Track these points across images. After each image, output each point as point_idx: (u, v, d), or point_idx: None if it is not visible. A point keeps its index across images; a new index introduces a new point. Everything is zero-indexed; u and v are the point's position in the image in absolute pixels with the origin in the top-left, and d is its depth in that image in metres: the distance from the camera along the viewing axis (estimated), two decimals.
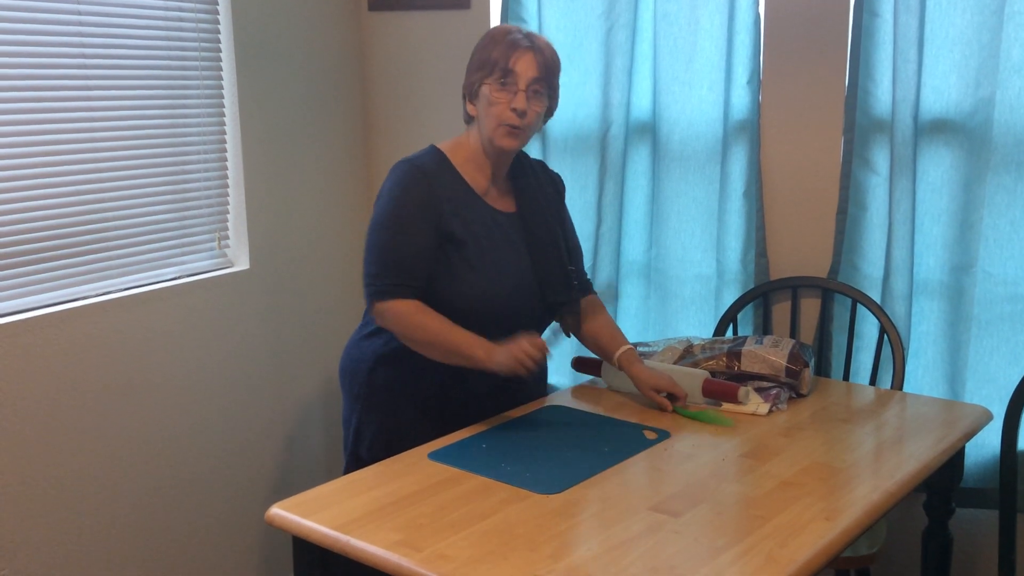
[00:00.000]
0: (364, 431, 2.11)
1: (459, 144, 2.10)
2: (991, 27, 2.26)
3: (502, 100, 1.99)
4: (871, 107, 2.43)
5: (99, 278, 2.44)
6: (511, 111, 1.99)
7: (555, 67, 2.05)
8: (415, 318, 1.98)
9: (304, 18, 2.90)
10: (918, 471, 1.81)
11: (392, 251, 2.00)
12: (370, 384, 2.11)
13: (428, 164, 2.04)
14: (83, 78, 2.35)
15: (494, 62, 1.99)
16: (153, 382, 2.54)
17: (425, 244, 2.00)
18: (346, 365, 2.18)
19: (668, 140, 2.65)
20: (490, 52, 2.01)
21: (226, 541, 2.80)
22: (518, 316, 2.07)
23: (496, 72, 1.99)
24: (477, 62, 2.04)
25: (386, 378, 2.09)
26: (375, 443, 2.08)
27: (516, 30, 2.04)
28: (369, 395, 2.12)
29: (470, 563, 1.44)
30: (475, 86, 2.03)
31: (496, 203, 2.10)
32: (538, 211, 2.15)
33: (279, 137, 2.86)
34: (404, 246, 2.00)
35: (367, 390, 2.12)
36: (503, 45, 2.00)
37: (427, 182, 2.01)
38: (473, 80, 2.04)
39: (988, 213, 2.32)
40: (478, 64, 2.03)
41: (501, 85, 1.99)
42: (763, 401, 2.11)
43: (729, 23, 2.51)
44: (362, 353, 2.14)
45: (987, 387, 2.39)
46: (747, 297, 2.60)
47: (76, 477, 2.38)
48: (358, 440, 2.12)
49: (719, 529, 1.56)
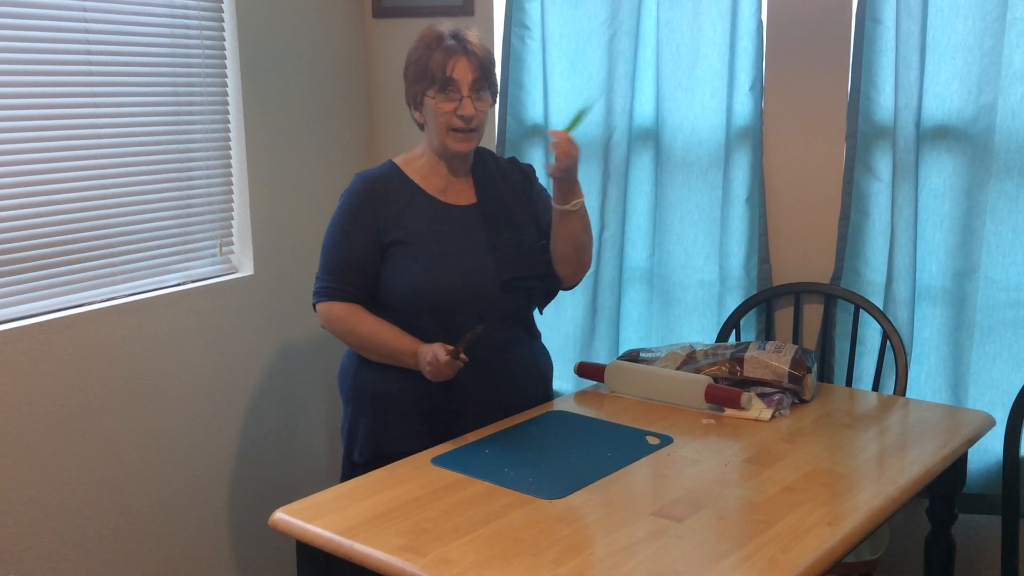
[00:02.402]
0: (355, 434, 2.14)
1: (410, 152, 2.18)
2: (993, 34, 2.26)
3: (448, 108, 2.03)
4: (873, 113, 2.43)
5: (104, 284, 2.45)
6: (459, 118, 2.03)
7: (490, 63, 2.10)
8: (346, 323, 2.08)
9: (308, 25, 2.92)
10: (921, 476, 1.81)
11: (330, 255, 2.11)
12: (357, 387, 2.15)
13: (374, 174, 2.14)
14: (89, 85, 2.36)
15: (432, 73, 2.02)
16: (158, 387, 2.55)
17: (360, 249, 2.08)
18: (339, 371, 2.24)
19: (671, 146, 2.66)
20: (426, 63, 2.03)
21: (230, 546, 2.80)
22: (477, 297, 2.08)
23: (436, 83, 2.03)
24: (415, 72, 2.06)
25: (370, 380, 2.12)
26: (365, 446, 2.12)
27: (447, 34, 2.06)
28: (357, 398, 2.15)
29: (473, 568, 1.45)
30: (418, 96, 2.07)
31: (456, 199, 2.15)
32: (496, 197, 2.17)
33: (283, 144, 2.86)
34: (340, 250, 2.09)
35: (355, 393, 2.16)
36: (438, 53, 2.03)
37: (369, 189, 2.10)
38: (416, 91, 2.07)
39: (990, 219, 2.33)
40: (417, 75, 2.06)
41: (444, 94, 2.03)
42: (766, 407, 2.11)
43: (731, 30, 2.52)
44: (350, 358, 2.19)
45: (990, 393, 2.39)
46: (750, 303, 2.60)
47: (81, 481, 2.39)
48: (351, 444, 2.16)
49: (722, 534, 1.56)
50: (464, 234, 2.11)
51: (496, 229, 2.13)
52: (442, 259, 2.06)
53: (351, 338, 2.09)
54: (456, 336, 1.95)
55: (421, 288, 2.05)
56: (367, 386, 2.13)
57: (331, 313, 2.09)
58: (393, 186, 2.11)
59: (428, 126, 2.09)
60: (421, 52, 2.06)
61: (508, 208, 2.17)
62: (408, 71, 2.09)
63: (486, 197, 2.16)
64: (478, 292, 2.08)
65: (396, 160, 2.17)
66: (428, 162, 2.14)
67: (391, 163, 2.17)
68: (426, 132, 2.12)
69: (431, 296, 2.05)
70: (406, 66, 2.10)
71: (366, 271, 2.08)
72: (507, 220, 2.15)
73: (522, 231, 2.15)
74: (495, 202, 2.16)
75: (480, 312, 2.06)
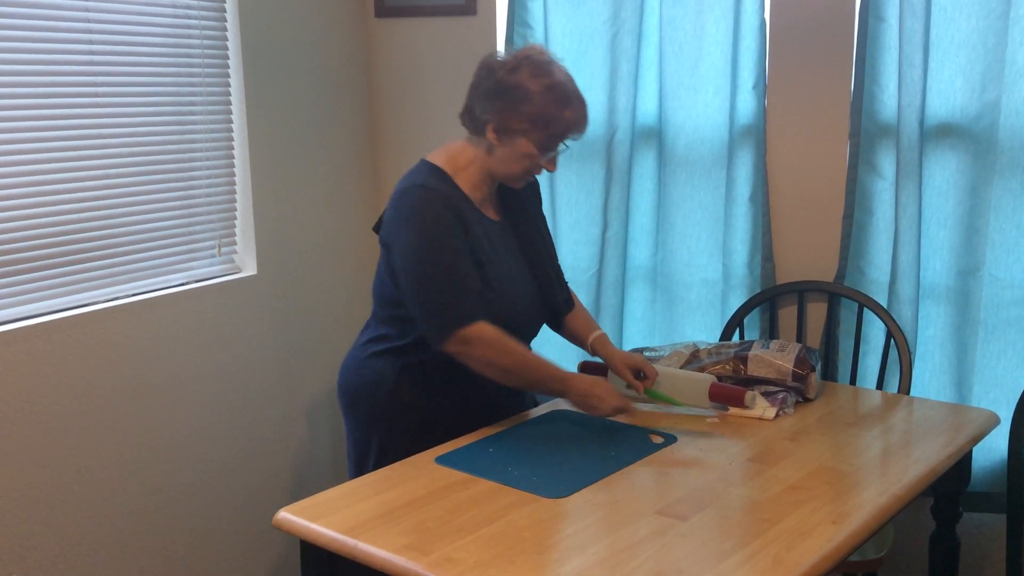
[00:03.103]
0: (389, 450, 2.02)
1: (453, 158, 2.03)
2: (997, 31, 2.26)
3: (537, 157, 1.96)
4: (877, 112, 2.43)
5: (107, 284, 2.45)
6: (539, 168, 2.00)
7: None
8: (505, 343, 1.93)
9: (311, 25, 2.92)
10: (925, 475, 1.80)
11: (455, 275, 1.92)
12: (392, 403, 2.04)
13: (438, 185, 1.97)
14: (91, 85, 2.36)
15: (552, 130, 1.93)
16: (161, 387, 2.55)
17: (469, 265, 1.95)
18: (356, 384, 2.10)
19: (674, 145, 2.66)
20: (552, 117, 1.92)
21: (234, 545, 2.80)
22: (526, 321, 2.09)
23: (552, 139, 1.95)
24: (532, 116, 1.91)
25: (411, 396, 2.04)
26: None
27: (575, 96, 1.95)
28: (391, 414, 2.05)
29: (477, 567, 1.45)
30: (515, 132, 1.94)
31: (490, 212, 2.09)
32: (525, 216, 2.15)
33: (286, 143, 2.87)
34: (460, 269, 1.92)
35: (389, 409, 2.05)
36: (569, 114, 1.93)
37: (448, 205, 1.94)
38: (518, 126, 1.93)
39: (994, 217, 2.32)
40: (533, 118, 1.92)
41: (544, 150, 1.96)
42: (770, 405, 2.11)
43: (735, 28, 2.52)
44: (379, 372, 2.06)
45: (994, 391, 2.39)
46: (753, 301, 2.60)
47: (84, 481, 2.39)
48: (382, 459, 2.02)
49: (726, 533, 1.56)
50: (508, 252, 2.07)
51: (532, 250, 2.12)
52: (505, 280, 2.02)
53: (507, 359, 1.93)
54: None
55: (496, 310, 1.97)
56: (408, 402, 2.03)
57: (484, 335, 1.91)
58: (455, 199, 1.97)
59: (499, 155, 1.97)
60: (551, 103, 1.92)
61: (533, 226, 2.16)
62: (520, 103, 1.92)
63: (514, 216, 2.13)
64: (526, 312, 2.09)
65: (440, 165, 2.01)
66: (476, 173, 2.02)
67: (440, 172, 2.00)
68: (490, 150, 1.98)
69: (501, 317, 1.97)
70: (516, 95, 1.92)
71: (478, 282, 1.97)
72: (540, 241, 2.15)
73: (550, 251, 2.18)
74: (521, 220, 2.13)
75: (523, 331, 2.07)
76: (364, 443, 2.10)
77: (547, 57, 1.97)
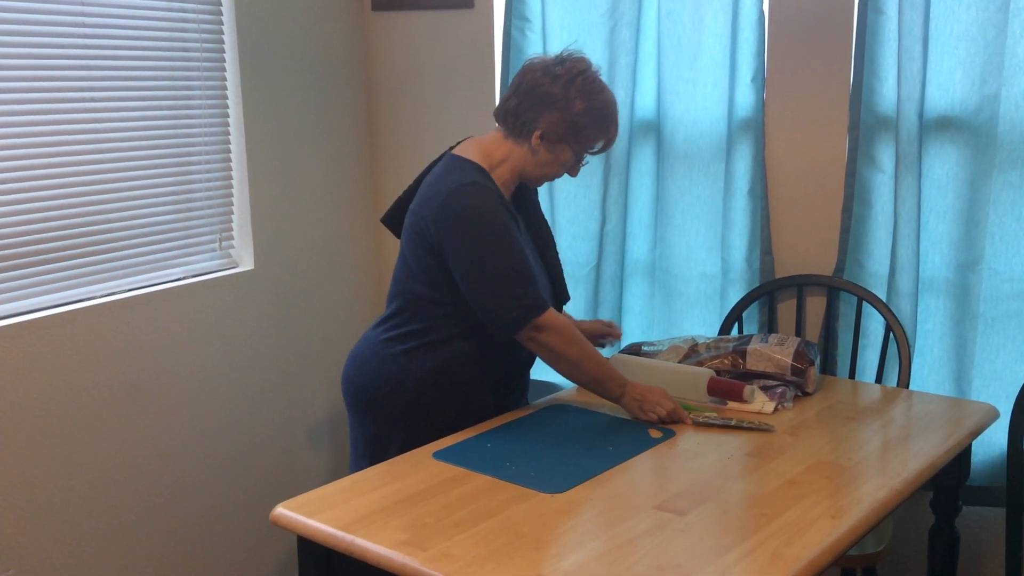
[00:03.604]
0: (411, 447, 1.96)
1: (488, 155, 2.05)
2: (996, 24, 2.25)
3: (569, 165, 2.07)
4: (876, 105, 2.42)
5: (104, 279, 2.44)
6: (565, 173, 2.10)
7: None
8: (574, 333, 2.00)
9: (307, 18, 2.91)
10: (924, 469, 1.80)
11: (526, 267, 1.97)
12: (419, 401, 2.04)
13: (487, 183, 2.00)
14: (87, 79, 2.35)
15: (596, 143, 2.05)
16: (158, 382, 2.55)
17: (529, 257, 2.01)
18: (375, 382, 2.08)
19: (672, 139, 2.65)
20: (601, 134, 2.04)
21: (231, 541, 2.80)
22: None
23: (588, 150, 2.06)
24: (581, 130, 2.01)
25: (438, 394, 2.04)
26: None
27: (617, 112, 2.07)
28: (417, 413, 2.04)
29: (475, 562, 1.44)
30: (561, 139, 2.01)
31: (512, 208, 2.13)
32: (534, 212, 2.20)
33: (283, 137, 2.86)
34: (526, 261, 1.98)
35: (414, 408, 2.04)
36: (612, 131, 2.06)
37: (501, 199, 2.00)
38: (565, 137, 2.01)
39: (994, 210, 2.32)
40: (582, 133, 2.01)
41: (579, 158, 2.07)
42: (768, 399, 2.11)
43: (733, 21, 2.51)
44: (402, 370, 2.04)
45: (994, 384, 2.38)
46: (752, 295, 2.59)
47: (82, 476, 2.38)
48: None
49: (725, 527, 1.56)
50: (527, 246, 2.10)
51: (543, 243, 2.18)
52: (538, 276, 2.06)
53: (576, 349, 1.98)
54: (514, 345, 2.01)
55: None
56: (434, 401, 2.03)
57: (557, 323, 1.97)
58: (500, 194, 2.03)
59: (539, 159, 2.03)
60: (601, 121, 2.03)
61: (542, 223, 2.22)
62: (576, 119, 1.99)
63: (527, 213, 2.19)
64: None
65: (476, 160, 2.03)
66: (507, 171, 2.06)
67: (480, 169, 2.02)
68: (527, 154, 2.03)
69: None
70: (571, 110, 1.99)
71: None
72: (548, 236, 2.22)
73: (555, 250, 2.23)
74: (532, 217, 2.20)
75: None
76: (382, 439, 2.07)
77: (596, 73, 2.05)
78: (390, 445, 2.06)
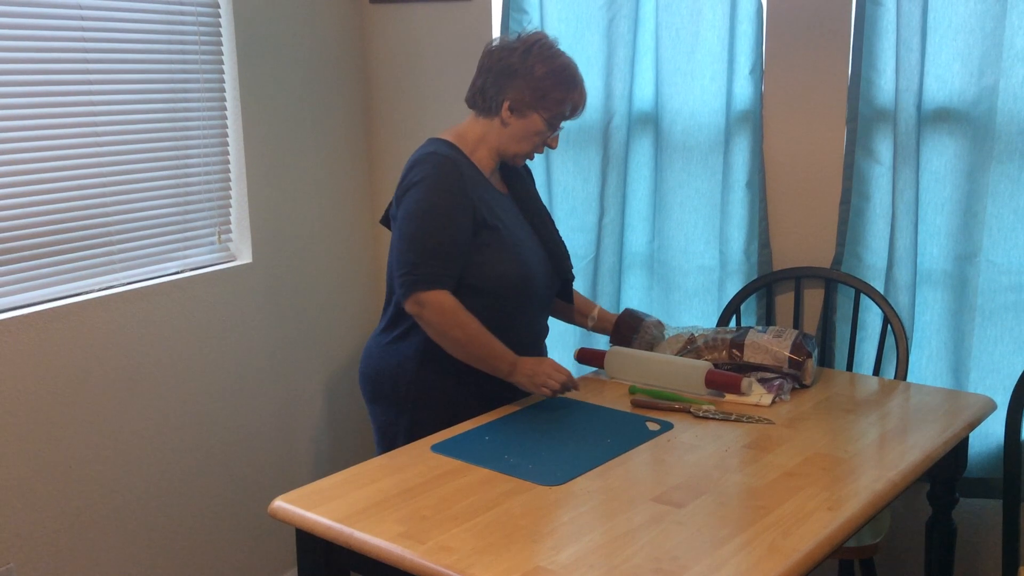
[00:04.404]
0: (419, 431, 2.02)
1: (463, 135, 2.13)
2: (994, 15, 2.25)
3: (545, 134, 2.11)
4: (874, 96, 2.42)
5: (102, 272, 2.44)
6: (543, 146, 2.14)
7: None
8: (458, 315, 2.00)
9: (305, 11, 2.90)
10: (921, 461, 1.80)
11: (432, 239, 2.00)
12: (419, 383, 2.09)
13: (451, 154, 2.06)
14: (85, 72, 2.35)
15: (564, 110, 2.09)
16: (156, 376, 2.55)
17: (462, 234, 2.02)
18: (381, 370, 2.14)
19: (670, 131, 2.65)
20: (565, 95, 2.08)
21: (229, 533, 2.81)
22: (543, 289, 2.18)
23: (556, 117, 2.09)
24: (545, 94, 2.05)
25: (437, 372, 2.08)
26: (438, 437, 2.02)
27: (580, 76, 2.11)
28: (419, 394, 2.10)
29: (473, 554, 1.45)
30: (527, 108, 2.07)
31: (498, 186, 2.19)
32: (524, 190, 2.25)
33: (281, 130, 2.85)
34: (444, 235, 2.00)
35: (415, 390, 2.10)
36: (575, 95, 2.09)
37: (458, 172, 2.04)
38: (530, 103, 2.06)
39: (992, 202, 2.32)
40: (546, 96, 2.06)
41: (552, 127, 2.11)
42: (766, 392, 2.11)
43: (731, 13, 2.51)
44: (401, 355, 2.11)
45: (991, 376, 2.39)
46: (750, 288, 2.59)
47: (80, 470, 2.39)
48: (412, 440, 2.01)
49: (722, 519, 1.56)
50: (517, 223, 2.17)
51: (541, 222, 2.23)
52: (521, 246, 2.12)
53: (458, 331, 2.00)
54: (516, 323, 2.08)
55: (516, 275, 2.08)
56: (434, 379, 2.09)
57: (443, 303, 1.98)
58: (466, 167, 2.07)
59: (511, 131, 2.09)
60: (563, 83, 2.07)
61: (537, 202, 2.27)
62: (536, 83, 2.05)
63: (516, 189, 2.23)
64: (542, 281, 2.17)
65: (450, 139, 2.11)
66: (484, 150, 2.12)
67: (450, 144, 2.10)
68: (501, 128, 2.10)
69: (520, 283, 2.09)
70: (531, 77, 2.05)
71: (464, 256, 2.03)
72: (544, 214, 2.26)
73: (555, 226, 2.27)
74: (525, 195, 2.24)
75: (539, 300, 2.17)
76: (392, 426, 2.14)
77: (553, 41, 2.11)
78: (399, 431, 2.12)
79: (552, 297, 2.26)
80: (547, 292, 2.21)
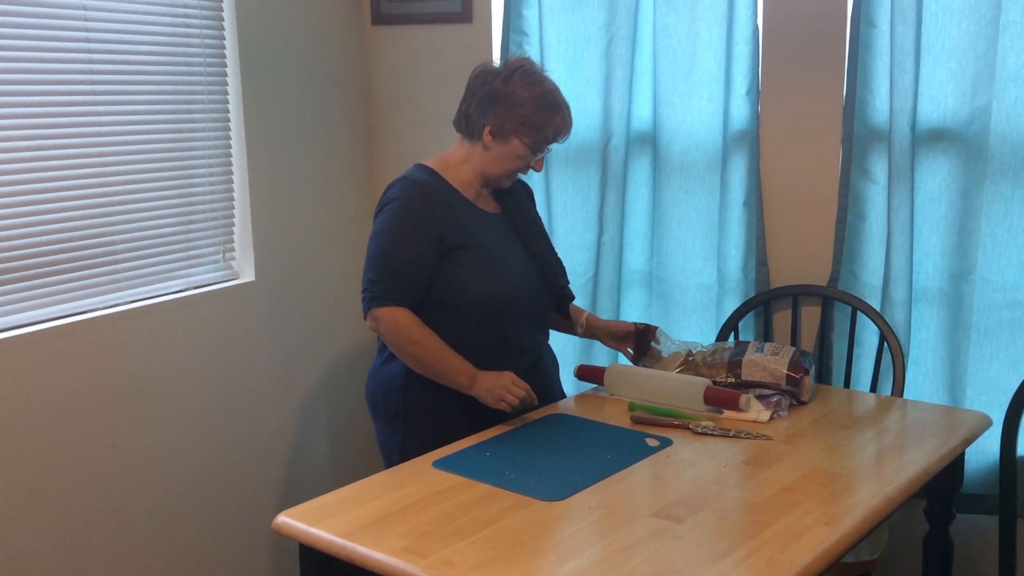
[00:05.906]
0: (410, 446, 2.08)
1: (447, 159, 2.19)
2: (987, 37, 2.28)
3: (527, 158, 2.13)
4: (869, 117, 2.45)
5: (106, 291, 2.46)
6: (527, 168, 2.16)
7: None
8: (412, 332, 2.05)
9: (308, 33, 2.93)
10: (918, 476, 1.82)
11: (391, 258, 2.07)
12: (406, 400, 2.13)
13: (424, 178, 2.13)
14: (90, 93, 2.37)
15: (544, 132, 2.10)
16: (160, 393, 2.56)
17: (424, 253, 2.06)
18: (374, 389, 2.21)
19: (668, 150, 2.68)
20: (546, 121, 2.09)
21: (233, 549, 2.81)
22: (530, 304, 2.19)
23: (539, 141, 2.11)
24: (526, 117, 2.07)
25: (423, 389, 2.11)
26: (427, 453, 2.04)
27: (564, 102, 2.13)
28: (407, 411, 2.14)
29: (475, 569, 1.46)
30: (509, 133, 2.09)
31: (486, 206, 2.22)
32: (517, 208, 2.28)
33: (284, 150, 2.88)
34: (403, 254, 2.06)
35: (404, 406, 2.14)
36: (558, 120, 2.11)
37: (426, 194, 2.09)
38: (512, 128, 2.09)
39: (986, 221, 2.34)
40: (526, 122, 2.08)
41: (534, 151, 2.12)
42: (764, 408, 2.13)
43: (728, 34, 2.54)
44: (389, 374, 2.17)
45: (987, 393, 2.40)
46: (748, 305, 2.61)
47: (83, 487, 2.40)
48: (406, 457, 2.04)
49: (721, 534, 1.58)
50: (505, 241, 2.20)
51: (532, 239, 2.25)
52: (502, 264, 2.14)
53: (413, 347, 2.05)
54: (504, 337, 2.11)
55: (492, 292, 2.10)
56: (419, 395, 2.12)
57: (397, 320, 2.04)
58: (442, 191, 2.12)
59: (493, 155, 2.12)
60: (543, 109, 2.09)
61: (531, 219, 2.30)
62: (516, 108, 2.07)
63: (508, 207, 2.26)
64: (529, 297, 2.19)
65: (430, 165, 2.17)
66: (468, 172, 2.17)
67: (429, 169, 2.16)
68: (483, 152, 2.13)
69: (499, 299, 2.11)
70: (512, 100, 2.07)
71: (426, 275, 2.07)
72: (537, 231, 2.29)
73: (549, 243, 2.31)
74: (517, 213, 2.27)
75: (529, 317, 2.20)
76: (388, 442, 2.19)
77: (537, 67, 2.15)
78: (394, 448, 2.16)
79: (547, 311, 2.29)
80: (536, 307, 2.23)
